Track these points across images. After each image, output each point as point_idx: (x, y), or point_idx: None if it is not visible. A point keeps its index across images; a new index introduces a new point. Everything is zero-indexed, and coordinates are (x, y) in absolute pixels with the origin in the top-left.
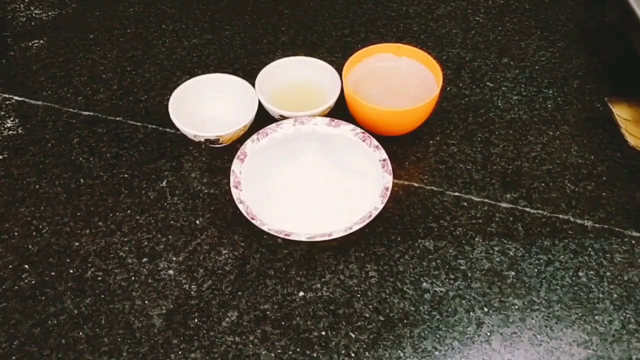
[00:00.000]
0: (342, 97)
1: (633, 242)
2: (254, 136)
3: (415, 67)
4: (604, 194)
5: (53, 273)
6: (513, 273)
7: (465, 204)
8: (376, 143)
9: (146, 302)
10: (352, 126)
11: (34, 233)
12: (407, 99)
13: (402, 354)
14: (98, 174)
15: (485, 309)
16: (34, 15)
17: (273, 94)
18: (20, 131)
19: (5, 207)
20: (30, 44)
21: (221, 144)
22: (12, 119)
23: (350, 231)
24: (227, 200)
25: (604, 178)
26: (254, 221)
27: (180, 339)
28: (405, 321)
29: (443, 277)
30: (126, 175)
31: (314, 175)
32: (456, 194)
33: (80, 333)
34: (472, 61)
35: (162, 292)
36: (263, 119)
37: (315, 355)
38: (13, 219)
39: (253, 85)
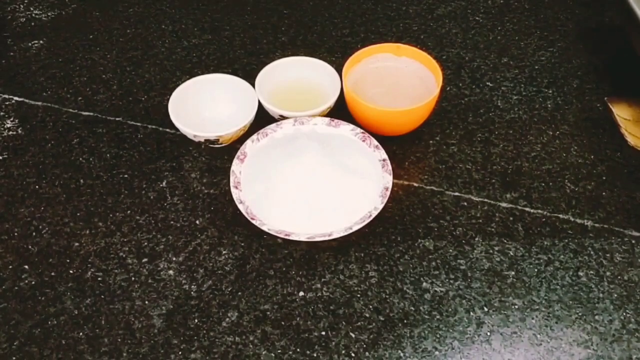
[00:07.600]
0: (342, 97)
1: (633, 241)
2: (254, 136)
3: (415, 67)
4: (603, 193)
5: (53, 273)
6: (513, 273)
7: (465, 203)
8: (376, 143)
9: (146, 302)
10: (352, 126)
11: (34, 233)
12: (407, 99)
13: (402, 354)
14: (98, 174)
15: (485, 309)
16: (33, 15)
17: (273, 94)
18: (20, 131)
19: (5, 207)
20: (30, 44)
21: (221, 144)
22: (12, 119)
23: (350, 231)
24: (227, 200)
25: (604, 178)
26: (254, 221)
27: (180, 339)
28: (405, 321)
29: (443, 277)
30: (126, 176)
31: (314, 175)
32: (456, 193)
33: (80, 333)
34: (472, 61)
35: (162, 292)
36: (263, 119)
37: (315, 355)
38: (13, 219)
39: (253, 85)
